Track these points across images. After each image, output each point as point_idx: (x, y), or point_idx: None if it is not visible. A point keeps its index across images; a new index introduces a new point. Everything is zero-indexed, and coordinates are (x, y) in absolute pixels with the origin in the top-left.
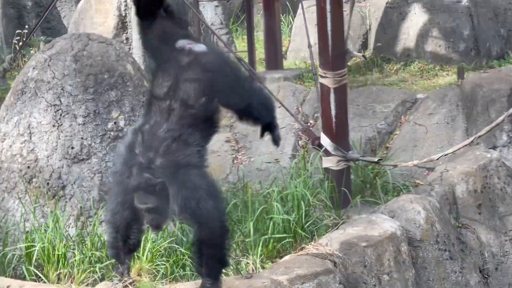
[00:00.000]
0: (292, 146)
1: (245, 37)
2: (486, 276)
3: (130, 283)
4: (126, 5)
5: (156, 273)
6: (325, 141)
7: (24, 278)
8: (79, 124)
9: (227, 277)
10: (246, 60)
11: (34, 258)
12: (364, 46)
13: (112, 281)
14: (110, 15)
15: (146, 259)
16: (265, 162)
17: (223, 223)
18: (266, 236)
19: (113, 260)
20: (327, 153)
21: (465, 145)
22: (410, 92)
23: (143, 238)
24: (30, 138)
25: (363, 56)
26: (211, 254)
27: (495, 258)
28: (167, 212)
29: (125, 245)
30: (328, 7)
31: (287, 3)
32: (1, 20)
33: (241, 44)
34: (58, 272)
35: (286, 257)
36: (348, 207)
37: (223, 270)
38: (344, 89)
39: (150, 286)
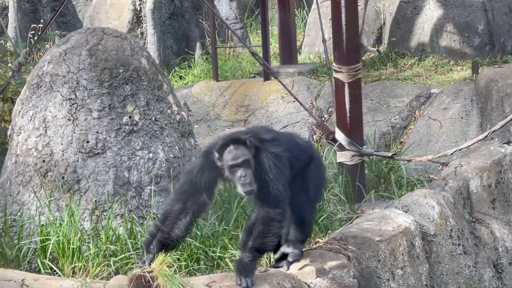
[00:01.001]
0: None
1: (260, 31)
2: (500, 271)
3: (148, 272)
4: (141, 0)
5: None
6: (340, 135)
7: (39, 272)
8: (94, 118)
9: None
10: (261, 54)
11: (49, 252)
12: (379, 40)
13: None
14: (125, 10)
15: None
16: None
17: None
18: None
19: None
20: (341, 147)
21: (479, 140)
22: (425, 87)
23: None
24: (46, 132)
25: (378, 50)
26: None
27: (509, 253)
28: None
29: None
30: (342, 1)
31: None
32: (16, 14)
33: (255, 39)
34: (73, 266)
35: None
36: (362, 201)
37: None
38: (358, 84)
39: (170, 276)
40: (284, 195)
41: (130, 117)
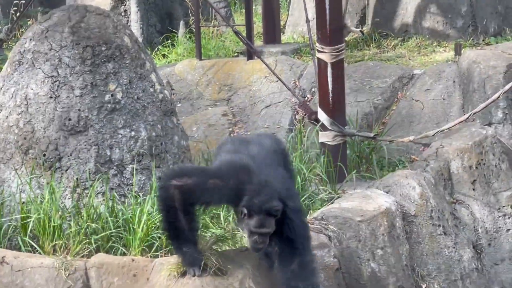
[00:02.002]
0: (289, 121)
1: (243, 10)
2: (479, 252)
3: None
4: None
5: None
6: (322, 115)
7: (19, 249)
8: (76, 96)
9: (224, 250)
10: (244, 34)
11: (29, 229)
12: (362, 21)
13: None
14: None
15: (142, 231)
16: None
17: None
18: None
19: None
20: (323, 127)
21: (461, 122)
22: (407, 68)
23: None
24: (27, 109)
25: (361, 31)
26: None
27: (488, 233)
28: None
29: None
30: None
31: None
32: None
33: (239, 18)
34: (53, 244)
35: None
36: (343, 182)
37: None
38: (341, 64)
39: None
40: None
41: (112, 95)
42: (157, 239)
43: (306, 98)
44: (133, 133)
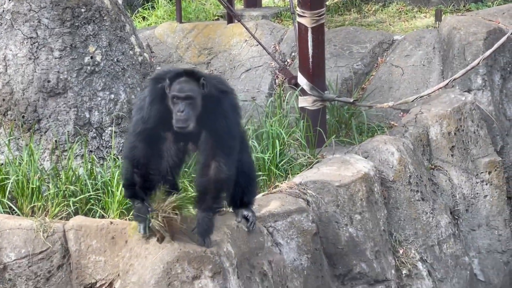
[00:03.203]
0: (268, 85)
1: None
2: (456, 217)
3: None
4: None
5: None
6: (302, 80)
7: None
8: (56, 58)
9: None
10: None
11: (8, 191)
12: None
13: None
14: None
15: (120, 194)
16: (241, 100)
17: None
18: None
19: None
20: (303, 92)
21: (440, 88)
22: (388, 34)
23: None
24: (6, 71)
25: None
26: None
27: (466, 199)
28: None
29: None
30: None
31: None
32: None
33: None
34: (32, 205)
35: (260, 195)
36: (322, 146)
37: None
38: (322, 29)
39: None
40: (237, 149)
41: (91, 57)
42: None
43: (286, 63)
44: (112, 95)
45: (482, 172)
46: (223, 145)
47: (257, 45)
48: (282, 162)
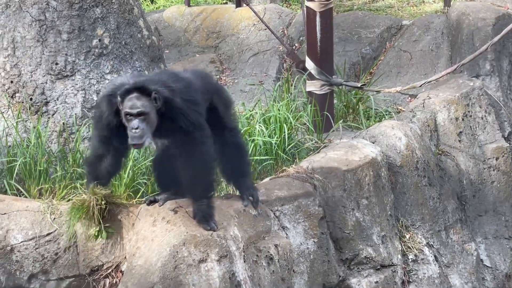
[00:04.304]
0: (276, 69)
1: None
2: (464, 203)
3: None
4: None
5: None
6: (310, 64)
7: (5, 192)
8: (64, 40)
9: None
10: None
11: (15, 173)
12: None
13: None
14: None
15: (128, 177)
16: (249, 84)
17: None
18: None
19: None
20: (311, 76)
21: (448, 73)
22: (396, 19)
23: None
24: (14, 53)
25: None
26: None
27: (473, 185)
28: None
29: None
30: None
31: None
32: None
33: None
34: (39, 187)
35: (267, 179)
36: (330, 131)
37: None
38: (330, 13)
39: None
40: (208, 135)
41: (99, 40)
42: (143, 185)
43: (294, 47)
44: None
45: (489, 158)
46: (194, 137)
47: (265, 29)
48: (289, 146)
